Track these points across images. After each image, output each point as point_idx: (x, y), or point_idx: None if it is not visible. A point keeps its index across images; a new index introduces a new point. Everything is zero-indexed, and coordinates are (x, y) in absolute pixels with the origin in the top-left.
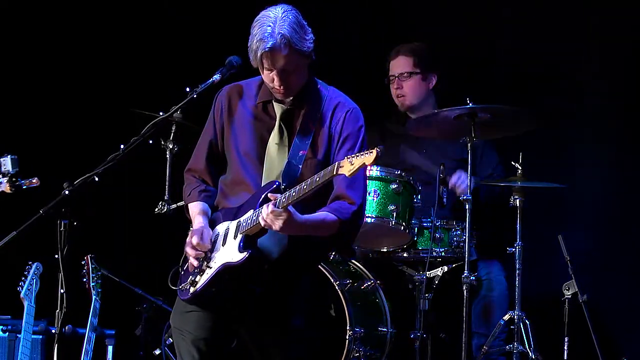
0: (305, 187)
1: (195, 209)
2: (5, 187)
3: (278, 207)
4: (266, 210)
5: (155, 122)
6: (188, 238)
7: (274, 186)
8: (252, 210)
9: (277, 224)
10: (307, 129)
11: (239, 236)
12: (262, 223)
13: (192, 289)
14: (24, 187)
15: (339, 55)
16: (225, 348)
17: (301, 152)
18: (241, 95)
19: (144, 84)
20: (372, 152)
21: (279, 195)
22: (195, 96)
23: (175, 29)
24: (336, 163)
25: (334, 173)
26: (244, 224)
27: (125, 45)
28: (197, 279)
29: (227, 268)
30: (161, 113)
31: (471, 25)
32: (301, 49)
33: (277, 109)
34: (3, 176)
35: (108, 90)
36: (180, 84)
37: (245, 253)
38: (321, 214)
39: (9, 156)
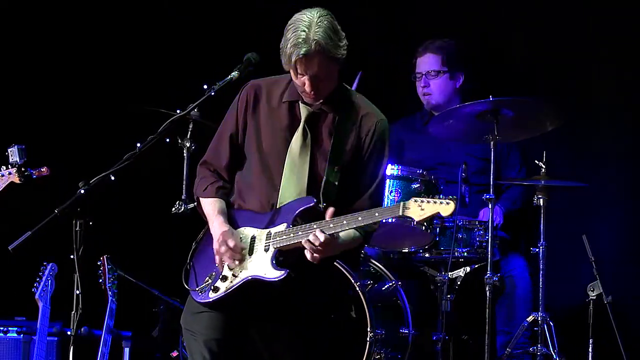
0: (361, 219)
1: (213, 206)
2: (15, 178)
3: (326, 233)
4: (318, 239)
5: (172, 120)
6: (220, 238)
7: (311, 204)
8: (285, 224)
9: (324, 252)
10: (342, 141)
11: (271, 250)
12: (308, 247)
13: (212, 294)
14: (34, 176)
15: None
16: (237, 349)
17: (336, 167)
18: (268, 91)
19: (161, 82)
20: (449, 202)
21: (328, 221)
22: (212, 93)
23: (193, 26)
24: (401, 203)
25: (400, 214)
26: (278, 239)
27: (143, 42)
28: (219, 285)
29: (256, 281)
30: (178, 111)
31: (488, 24)
32: (335, 56)
33: (303, 110)
34: (12, 167)
35: (125, 88)
36: (198, 81)
37: (283, 273)
38: (349, 232)
39: (16, 146)
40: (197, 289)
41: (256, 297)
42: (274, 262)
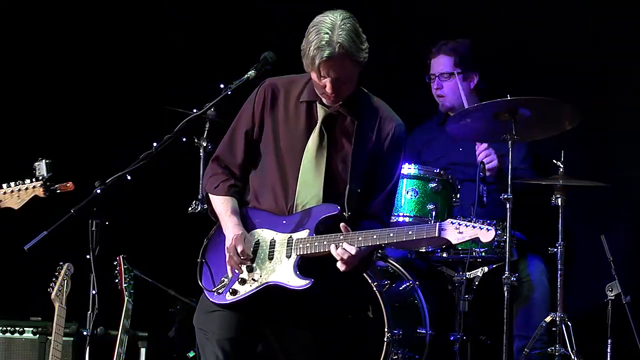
0: (392, 235)
1: (225, 206)
2: (39, 191)
3: (354, 245)
4: (348, 252)
5: (189, 120)
6: (230, 242)
7: (336, 212)
8: (307, 231)
9: (353, 264)
10: (363, 146)
11: (294, 257)
12: (339, 257)
13: (230, 297)
14: (58, 191)
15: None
16: (251, 349)
17: (359, 174)
18: (287, 90)
19: (177, 81)
20: (489, 229)
21: (357, 233)
22: (229, 93)
23: (209, 26)
24: (437, 225)
25: (436, 236)
26: (301, 246)
27: (159, 42)
28: (237, 289)
29: (277, 287)
30: (194, 110)
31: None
32: (357, 59)
33: (320, 111)
34: (37, 180)
35: (141, 88)
36: (214, 81)
37: (308, 283)
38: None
39: (43, 160)
40: (213, 289)
41: (273, 300)
42: (297, 270)
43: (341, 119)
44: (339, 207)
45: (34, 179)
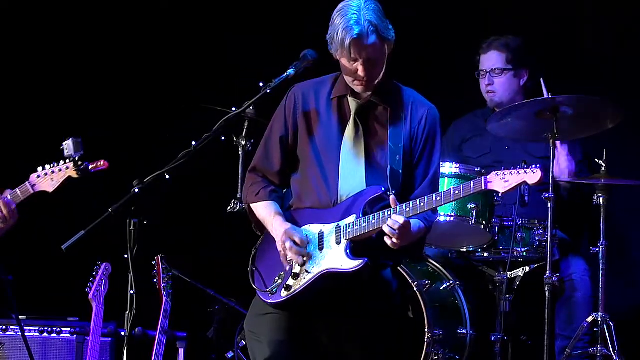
0: (439, 199)
1: (269, 209)
2: (72, 172)
3: (402, 215)
4: (398, 222)
5: (228, 118)
6: (283, 236)
7: (380, 192)
8: (354, 215)
9: (404, 237)
10: (398, 130)
11: (344, 242)
12: (388, 231)
13: (285, 293)
14: (91, 170)
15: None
16: (302, 350)
17: (398, 156)
18: (316, 91)
19: (217, 79)
20: (535, 171)
21: (404, 205)
22: (269, 91)
23: (249, 23)
24: (483, 178)
25: (482, 188)
26: (350, 230)
27: (199, 40)
28: (291, 284)
29: (332, 274)
30: (234, 109)
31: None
32: (387, 37)
33: (352, 103)
34: (68, 160)
35: (181, 86)
36: (254, 79)
37: (361, 262)
38: (416, 222)
39: (71, 139)
40: (266, 290)
41: (326, 294)
42: (349, 252)
43: (373, 108)
44: (383, 188)
45: (65, 160)
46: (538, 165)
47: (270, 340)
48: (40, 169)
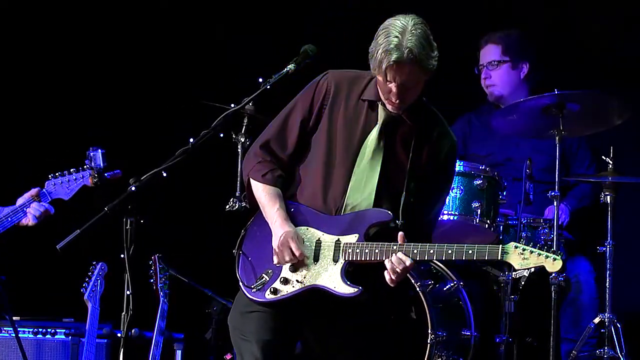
0: (450, 252)
1: (272, 198)
2: (89, 181)
3: (409, 256)
4: (403, 263)
5: (226, 115)
6: (283, 240)
7: (388, 219)
8: (356, 236)
9: (404, 275)
10: (419, 156)
11: (341, 261)
12: (390, 267)
13: (270, 296)
14: (108, 178)
15: None
16: (290, 350)
17: (413, 184)
18: (350, 86)
19: (215, 76)
20: (556, 259)
21: (412, 245)
22: (268, 87)
23: (249, 23)
24: (500, 247)
25: (498, 259)
26: (350, 251)
27: (199, 39)
28: (279, 288)
29: (323, 290)
30: (232, 105)
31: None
32: (426, 66)
33: (382, 112)
34: (91, 170)
35: (179, 82)
36: (254, 79)
37: (356, 291)
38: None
39: (99, 150)
40: (252, 286)
41: (316, 302)
42: (344, 276)
43: (401, 123)
44: (391, 214)
45: (83, 167)
46: (563, 256)
47: (258, 340)
48: (57, 174)
